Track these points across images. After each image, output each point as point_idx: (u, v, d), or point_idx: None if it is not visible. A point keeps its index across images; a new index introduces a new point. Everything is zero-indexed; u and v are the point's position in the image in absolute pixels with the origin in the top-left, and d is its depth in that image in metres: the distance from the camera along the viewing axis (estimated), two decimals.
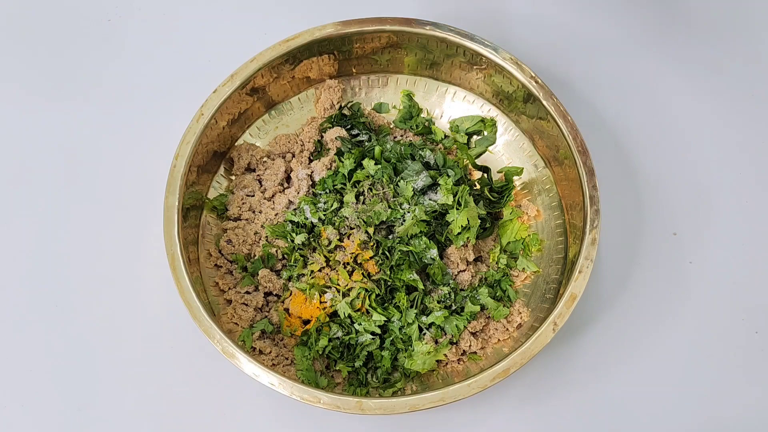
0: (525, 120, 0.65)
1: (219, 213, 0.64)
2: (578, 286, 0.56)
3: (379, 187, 0.61)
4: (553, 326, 0.55)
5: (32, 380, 0.61)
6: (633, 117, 0.70)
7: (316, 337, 0.59)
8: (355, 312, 0.58)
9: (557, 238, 0.63)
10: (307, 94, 0.67)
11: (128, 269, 0.64)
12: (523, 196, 0.65)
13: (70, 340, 0.62)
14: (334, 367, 0.59)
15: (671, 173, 0.68)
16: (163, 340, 0.62)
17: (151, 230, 0.63)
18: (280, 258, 0.62)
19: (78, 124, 0.69)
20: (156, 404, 0.61)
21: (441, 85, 0.67)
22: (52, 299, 0.63)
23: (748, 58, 0.73)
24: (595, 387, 0.62)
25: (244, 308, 0.60)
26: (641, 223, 0.67)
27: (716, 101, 0.71)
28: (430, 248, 0.59)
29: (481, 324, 0.60)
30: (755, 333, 0.64)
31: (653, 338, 0.63)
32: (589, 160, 0.59)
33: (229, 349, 0.53)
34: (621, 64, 0.72)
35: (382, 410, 0.52)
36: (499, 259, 0.63)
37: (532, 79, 0.61)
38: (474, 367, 0.59)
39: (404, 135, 0.67)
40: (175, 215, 0.57)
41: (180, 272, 0.55)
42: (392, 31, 0.63)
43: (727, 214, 0.67)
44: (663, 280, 0.65)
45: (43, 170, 0.67)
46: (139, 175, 0.66)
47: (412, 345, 0.59)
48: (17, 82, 0.70)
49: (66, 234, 0.65)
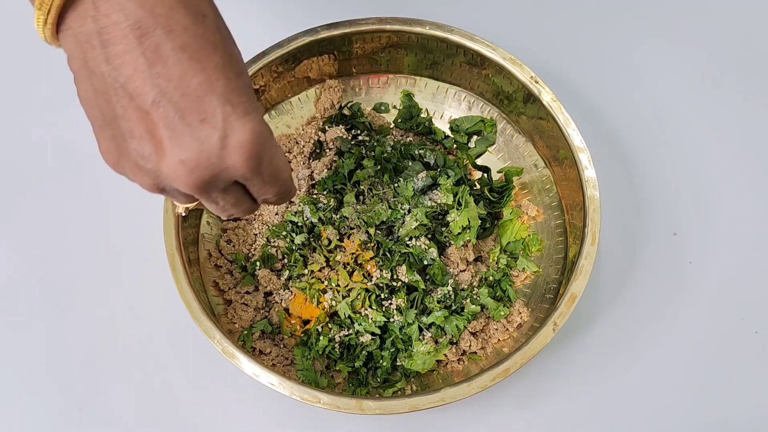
0: (525, 120, 0.65)
1: None
2: (578, 286, 0.56)
3: (379, 187, 0.61)
4: (553, 326, 0.55)
5: (32, 380, 0.61)
6: (633, 117, 0.70)
7: (316, 337, 0.59)
8: (354, 313, 0.58)
9: (557, 238, 0.63)
10: (307, 94, 0.67)
11: (128, 269, 0.64)
12: (523, 196, 0.65)
13: (70, 340, 0.62)
14: (334, 367, 0.59)
15: (671, 173, 0.68)
16: (163, 340, 0.62)
17: (151, 230, 0.63)
18: (280, 258, 0.62)
19: (78, 123, 0.69)
20: (156, 404, 0.61)
21: (441, 85, 0.67)
22: (53, 299, 0.63)
23: (748, 58, 0.73)
24: (595, 387, 0.62)
25: (244, 308, 0.60)
26: (641, 223, 0.67)
27: (717, 101, 0.71)
28: (430, 248, 0.59)
29: (481, 324, 0.60)
30: (755, 333, 0.64)
31: (653, 338, 0.63)
32: (589, 160, 0.59)
33: (229, 350, 0.53)
34: (621, 65, 0.72)
35: (382, 410, 0.52)
36: (499, 259, 0.63)
37: (532, 79, 0.61)
38: (474, 367, 0.59)
39: (404, 135, 0.67)
40: (174, 215, 0.57)
41: (180, 273, 0.55)
42: (392, 31, 0.63)
43: (727, 214, 0.67)
44: (663, 280, 0.65)
45: (42, 170, 0.67)
46: None
47: (412, 345, 0.59)
48: (16, 81, 0.70)
49: (66, 234, 0.65)
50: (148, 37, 0.35)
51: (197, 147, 0.36)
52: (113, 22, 0.35)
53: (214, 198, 0.40)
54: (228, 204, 0.41)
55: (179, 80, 0.35)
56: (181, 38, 0.35)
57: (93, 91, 0.37)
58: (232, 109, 0.36)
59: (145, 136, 0.36)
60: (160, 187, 0.39)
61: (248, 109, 0.37)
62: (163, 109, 0.35)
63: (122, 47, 0.35)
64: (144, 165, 0.37)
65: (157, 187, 0.39)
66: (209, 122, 0.36)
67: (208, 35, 0.36)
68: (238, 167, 0.37)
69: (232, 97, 0.36)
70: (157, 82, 0.35)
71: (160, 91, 0.35)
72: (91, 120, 0.39)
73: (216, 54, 0.36)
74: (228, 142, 0.36)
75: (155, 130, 0.36)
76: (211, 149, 0.36)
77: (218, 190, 0.39)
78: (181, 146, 0.36)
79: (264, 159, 0.38)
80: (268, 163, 0.39)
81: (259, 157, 0.38)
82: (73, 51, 0.37)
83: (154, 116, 0.36)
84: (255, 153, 0.37)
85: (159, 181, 0.38)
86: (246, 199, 0.42)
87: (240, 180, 0.39)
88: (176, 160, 0.36)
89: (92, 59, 0.36)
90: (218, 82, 0.36)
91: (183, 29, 0.36)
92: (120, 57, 0.35)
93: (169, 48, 0.35)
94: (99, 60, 0.36)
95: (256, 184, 0.40)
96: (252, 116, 0.37)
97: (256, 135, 0.37)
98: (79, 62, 0.37)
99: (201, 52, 0.36)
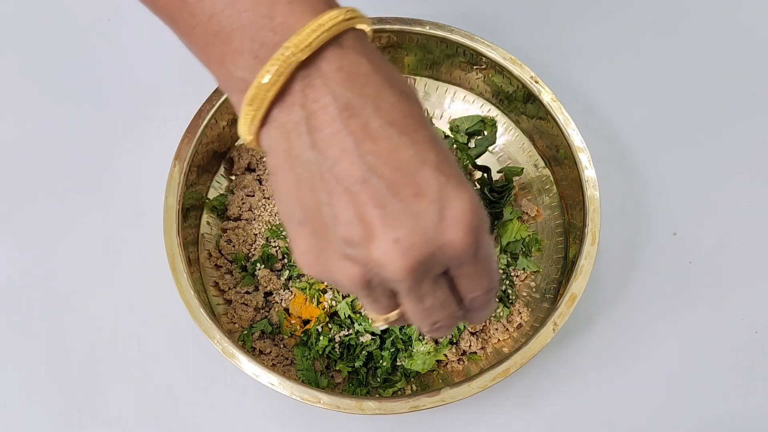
0: (525, 120, 0.65)
1: (219, 213, 0.64)
2: (578, 286, 0.56)
3: None
4: (553, 326, 0.55)
5: (32, 380, 0.61)
6: (633, 117, 0.70)
7: (316, 337, 0.59)
8: (354, 313, 0.58)
9: (557, 238, 0.63)
10: None
11: (128, 269, 0.64)
12: (523, 196, 0.65)
13: (70, 340, 0.62)
14: (334, 367, 0.59)
15: (671, 173, 0.68)
16: (163, 340, 0.62)
17: (151, 230, 0.63)
18: (280, 258, 0.62)
19: (77, 123, 0.69)
20: (156, 404, 0.61)
21: (441, 85, 0.67)
22: (53, 299, 0.63)
23: (748, 58, 0.73)
24: (595, 387, 0.62)
25: (244, 308, 0.60)
26: (641, 223, 0.67)
27: (717, 101, 0.71)
28: None
29: (481, 324, 0.60)
30: (755, 333, 0.64)
31: (653, 338, 0.63)
32: (589, 160, 0.59)
33: (229, 349, 0.53)
34: (621, 65, 0.72)
35: (382, 410, 0.52)
36: (499, 259, 0.63)
37: (532, 79, 0.61)
38: (474, 367, 0.59)
39: None
40: (175, 215, 0.57)
41: (180, 272, 0.55)
42: (392, 31, 0.63)
43: (727, 214, 0.67)
44: (663, 280, 0.65)
45: (42, 170, 0.67)
46: (139, 175, 0.66)
47: (412, 345, 0.59)
48: (16, 81, 0.70)
49: (65, 234, 0.65)
50: (356, 118, 0.33)
51: (413, 223, 0.33)
52: (322, 107, 0.33)
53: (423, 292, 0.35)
54: (436, 303, 0.36)
55: (389, 155, 0.33)
56: (390, 115, 0.34)
57: (295, 183, 0.35)
58: (446, 180, 0.33)
59: (353, 219, 0.33)
60: (366, 279, 0.35)
61: (461, 180, 0.34)
62: (373, 187, 0.33)
63: (330, 130, 0.33)
64: (351, 253, 0.34)
65: (363, 280, 0.35)
66: (424, 195, 0.33)
67: (414, 111, 0.35)
68: (456, 243, 0.33)
69: (445, 168, 0.34)
70: (366, 159, 0.33)
71: (369, 168, 0.33)
72: (287, 219, 0.36)
73: (424, 129, 0.34)
74: (445, 214, 0.33)
75: (365, 211, 0.33)
76: (428, 224, 0.33)
77: (430, 279, 0.35)
78: (395, 224, 0.33)
79: (481, 237, 0.35)
80: (485, 244, 0.35)
81: (477, 232, 0.34)
82: (277, 143, 0.35)
83: (363, 196, 0.33)
84: (474, 227, 0.34)
85: (368, 269, 0.34)
86: (452, 301, 0.37)
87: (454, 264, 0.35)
88: (390, 240, 0.33)
89: (297, 147, 0.34)
90: (430, 154, 0.34)
91: (391, 106, 0.34)
92: (327, 140, 0.33)
93: (378, 125, 0.33)
94: (305, 147, 0.34)
95: (470, 273, 0.36)
96: (466, 186, 0.34)
97: (475, 205, 0.34)
98: (281, 155, 0.35)
99: (409, 127, 0.34)
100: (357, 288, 0.35)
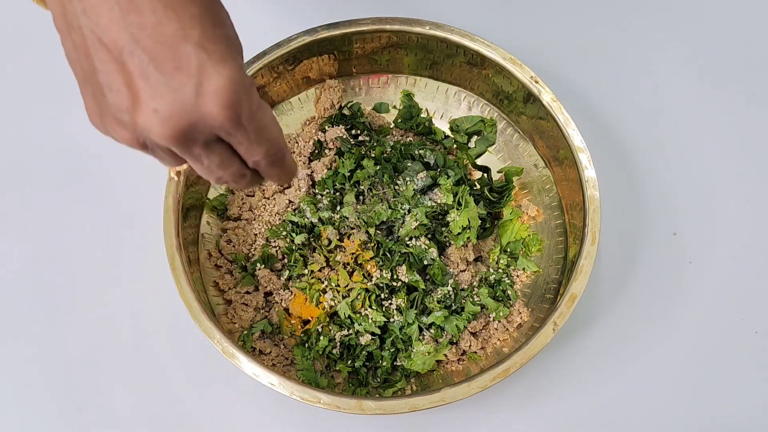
0: (525, 120, 0.65)
1: (219, 213, 0.64)
2: (578, 286, 0.56)
3: (379, 187, 0.61)
4: (553, 326, 0.55)
5: (32, 380, 0.61)
6: (633, 117, 0.70)
7: (316, 337, 0.59)
8: (354, 313, 0.58)
9: (557, 238, 0.63)
10: (307, 94, 0.67)
11: (128, 269, 0.64)
12: (523, 196, 0.65)
13: (70, 340, 0.62)
14: (334, 367, 0.59)
15: (671, 173, 0.68)
16: (163, 340, 0.62)
17: (151, 230, 0.63)
18: (280, 258, 0.62)
19: (77, 123, 0.69)
20: (156, 404, 0.61)
21: (441, 85, 0.67)
22: (53, 299, 0.63)
23: (748, 58, 0.73)
24: (595, 387, 0.62)
25: (244, 308, 0.60)
26: (641, 223, 0.67)
27: (717, 101, 0.71)
28: (430, 248, 0.59)
29: (481, 324, 0.60)
30: (755, 333, 0.64)
31: (653, 338, 0.63)
32: (589, 160, 0.59)
33: (229, 350, 0.53)
34: (621, 65, 0.72)
35: (382, 410, 0.52)
36: (499, 259, 0.63)
37: (532, 79, 0.61)
38: (474, 367, 0.59)
39: (404, 135, 0.67)
40: (174, 215, 0.57)
41: (179, 273, 0.55)
42: (392, 31, 0.63)
43: (727, 214, 0.67)
44: (663, 280, 0.65)
45: (42, 170, 0.67)
46: (139, 175, 0.66)
47: (412, 345, 0.59)
48: (16, 81, 0.70)
49: (66, 234, 0.65)
50: None
51: (171, 95, 0.35)
52: None
53: (197, 155, 0.38)
54: (213, 164, 0.39)
55: (153, 28, 0.35)
56: None
57: (74, 48, 0.37)
58: (207, 56, 0.35)
59: (122, 88, 0.36)
60: (140, 142, 0.38)
61: (225, 57, 0.36)
62: (137, 59, 0.35)
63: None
64: (122, 118, 0.36)
65: (137, 142, 0.38)
66: (184, 70, 0.35)
67: None
68: (214, 115, 0.36)
69: (208, 45, 0.35)
70: (131, 30, 0.35)
71: (134, 40, 0.35)
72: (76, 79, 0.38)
73: (192, 4, 0.36)
74: (203, 89, 0.35)
75: (131, 80, 0.35)
76: (186, 97, 0.35)
77: (199, 145, 0.37)
78: (155, 95, 0.35)
79: (243, 110, 0.36)
80: (250, 115, 0.37)
81: (237, 106, 0.36)
82: (55, 7, 0.37)
83: (129, 66, 0.35)
84: (232, 101, 0.36)
85: (137, 135, 0.37)
86: (234, 161, 0.40)
87: (222, 134, 0.37)
88: (150, 110, 0.35)
89: (70, 12, 0.36)
90: (193, 31, 0.35)
91: None
92: (96, 7, 0.35)
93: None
94: (77, 12, 0.36)
95: (241, 141, 0.38)
96: (229, 63, 0.36)
97: (233, 82, 0.35)
98: (60, 19, 0.37)
99: (177, 3, 0.35)
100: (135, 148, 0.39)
